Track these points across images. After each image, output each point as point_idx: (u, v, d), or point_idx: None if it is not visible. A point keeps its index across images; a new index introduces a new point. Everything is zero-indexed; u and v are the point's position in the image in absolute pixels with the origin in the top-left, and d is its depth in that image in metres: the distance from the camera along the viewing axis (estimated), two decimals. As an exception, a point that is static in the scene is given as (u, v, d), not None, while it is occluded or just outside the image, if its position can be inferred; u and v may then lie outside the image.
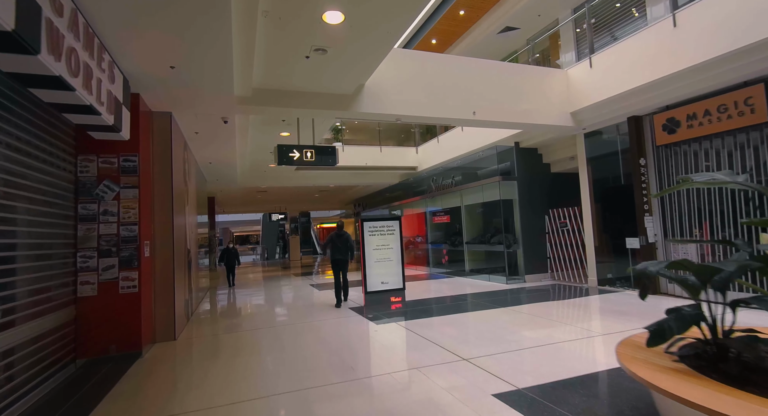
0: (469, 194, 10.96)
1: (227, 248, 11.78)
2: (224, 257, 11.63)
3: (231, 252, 11.62)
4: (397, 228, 7.79)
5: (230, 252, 11.64)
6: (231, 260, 11.57)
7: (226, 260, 11.59)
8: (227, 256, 11.58)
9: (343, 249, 7.63)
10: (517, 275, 9.55)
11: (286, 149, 7.00)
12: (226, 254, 11.62)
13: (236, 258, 11.74)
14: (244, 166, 11.47)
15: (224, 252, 11.71)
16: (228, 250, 11.68)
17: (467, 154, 10.99)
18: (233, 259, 11.61)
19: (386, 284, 7.56)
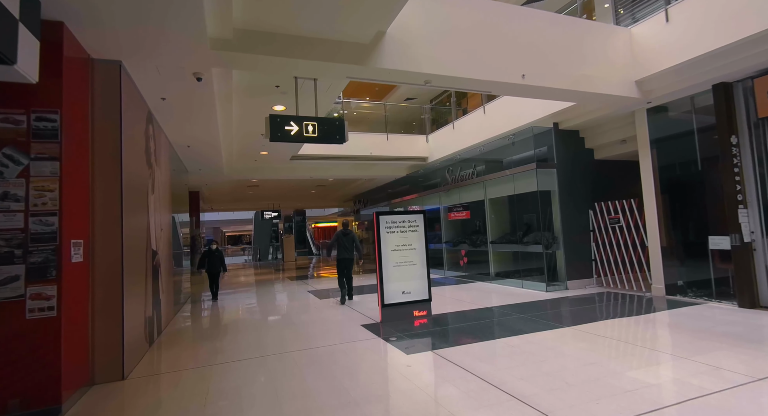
0: (495, 186, 9.40)
1: (209, 250, 9.19)
2: (204, 262, 9.13)
3: (214, 256, 9.09)
4: (422, 224, 6.20)
5: (213, 255, 9.09)
6: (214, 265, 9.10)
7: (208, 266, 9.10)
8: (209, 260, 9.09)
9: (349, 248, 7.75)
10: (556, 281, 8.01)
11: (282, 121, 5.38)
12: (208, 258, 9.11)
13: (221, 263, 9.13)
14: (230, 153, 9.81)
15: (205, 255, 9.18)
16: (210, 253, 9.12)
17: (492, 140, 9.42)
18: (217, 264, 9.11)
19: (408, 294, 5.97)
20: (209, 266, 9.17)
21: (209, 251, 9.28)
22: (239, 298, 9.29)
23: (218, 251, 9.25)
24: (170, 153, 7.70)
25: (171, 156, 7.97)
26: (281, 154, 10.54)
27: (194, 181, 12.23)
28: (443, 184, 11.43)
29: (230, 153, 9.72)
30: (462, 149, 10.60)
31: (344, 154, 11.71)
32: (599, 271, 8.00)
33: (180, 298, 8.44)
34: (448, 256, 11.50)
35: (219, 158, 9.15)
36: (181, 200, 10.55)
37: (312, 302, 8.12)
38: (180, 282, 8.94)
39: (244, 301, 8.80)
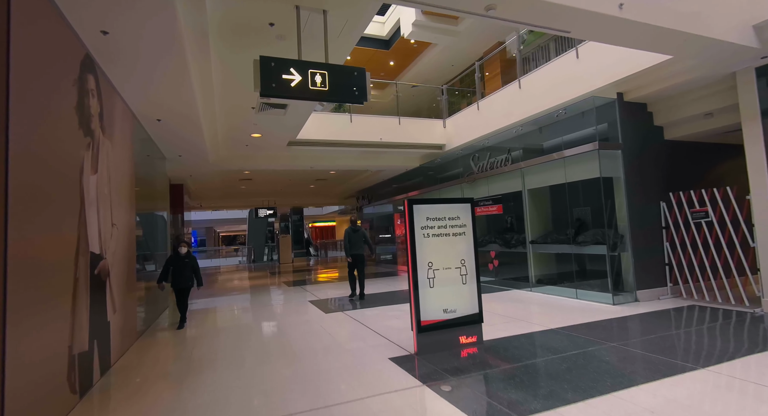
0: (537, 174, 7.78)
1: (175, 254, 6.26)
2: (168, 272, 6.19)
3: (182, 263, 6.20)
4: (469, 217, 4.55)
5: (180, 262, 6.20)
6: (181, 277, 6.20)
7: (174, 277, 6.22)
8: (175, 270, 6.21)
9: (360, 244, 7.75)
10: (622, 290, 6.40)
11: (278, 66, 3.73)
12: (173, 266, 6.20)
13: (194, 274, 6.35)
14: (215, 135, 8.12)
15: (169, 262, 6.23)
16: (177, 259, 6.20)
17: (531, 119, 7.79)
18: (186, 276, 6.22)
19: (452, 312, 4.32)
20: (175, 278, 6.20)
21: (175, 256, 6.24)
22: (224, 313, 7.60)
23: (189, 257, 6.33)
24: (135, 128, 6.02)
25: (137, 133, 6.29)
26: (277, 138, 8.88)
27: (175, 171, 10.53)
28: (466, 175, 9.79)
29: (215, 134, 8.03)
30: (490, 133, 8.97)
31: (350, 140, 10.08)
32: (675, 278, 6.40)
33: (155, 317, 6.76)
34: (472, 258, 9.86)
35: (200, 139, 7.45)
36: (159, 193, 8.86)
37: (316, 317, 6.46)
38: (157, 296, 7.26)
39: (230, 317, 7.11)
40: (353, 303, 7.50)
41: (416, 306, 4.18)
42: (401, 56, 14.44)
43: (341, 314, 6.59)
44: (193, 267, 6.40)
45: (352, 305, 7.37)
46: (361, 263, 7.81)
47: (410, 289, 4.23)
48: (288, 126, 7.99)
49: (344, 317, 6.35)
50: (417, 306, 4.18)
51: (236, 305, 8.19)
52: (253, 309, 7.64)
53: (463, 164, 10.13)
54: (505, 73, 11.91)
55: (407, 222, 4.29)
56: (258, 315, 6.95)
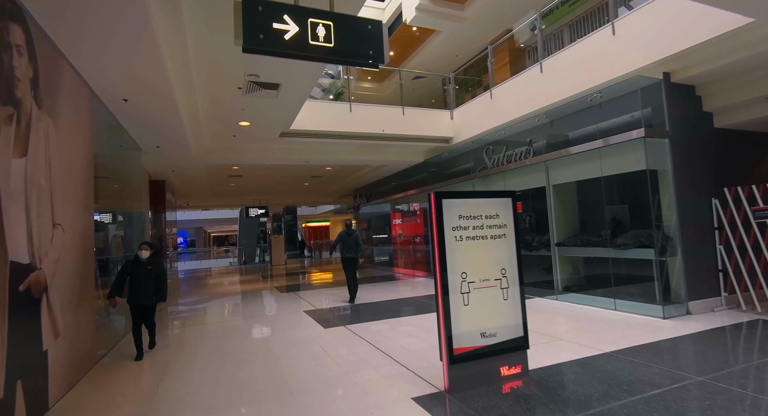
0: (565, 167, 6.87)
1: (134, 259, 4.82)
2: (122, 283, 4.70)
3: (142, 271, 4.74)
4: (511, 215, 3.61)
5: (141, 269, 4.74)
6: (141, 291, 4.73)
7: (131, 291, 4.73)
8: (133, 280, 4.74)
9: (354, 248, 7.80)
10: (670, 301, 5.50)
11: (267, 11, 2.75)
12: (130, 274, 4.74)
13: (157, 287, 4.83)
14: (197, 121, 7.09)
15: (125, 270, 4.75)
16: (137, 266, 4.76)
17: (557, 106, 6.88)
18: (147, 288, 4.75)
19: (492, 337, 3.37)
20: (133, 292, 4.68)
21: (134, 263, 4.73)
22: (206, 328, 6.59)
23: (154, 264, 4.81)
24: (95, 108, 5.00)
25: (99, 115, 5.28)
26: (268, 128, 7.88)
27: (155, 166, 9.47)
28: (479, 169, 8.87)
29: (197, 121, 7.01)
30: (506, 123, 8.05)
31: (350, 131, 9.12)
32: (730, 287, 5.53)
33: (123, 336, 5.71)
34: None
35: (180, 126, 6.43)
36: (134, 189, 7.83)
37: (313, 333, 5.48)
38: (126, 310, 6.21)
39: (213, 334, 6.10)
40: (354, 313, 6.55)
41: (447, 330, 3.23)
42: (402, 45, 13.50)
43: (343, 329, 5.62)
44: (158, 276, 4.82)
45: (354, 315, 6.41)
46: (354, 266, 7.89)
47: (438, 308, 3.28)
48: (280, 113, 7.00)
49: (346, 333, 5.38)
50: (448, 329, 3.23)
51: (221, 317, 7.18)
52: (240, 322, 6.64)
53: (474, 158, 9.21)
54: (514, 63, 11.04)
55: (434, 221, 3.34)
56: (245, 331, 5.95)
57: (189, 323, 6.72)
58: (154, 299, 4.87)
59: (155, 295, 4.87)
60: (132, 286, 4.76)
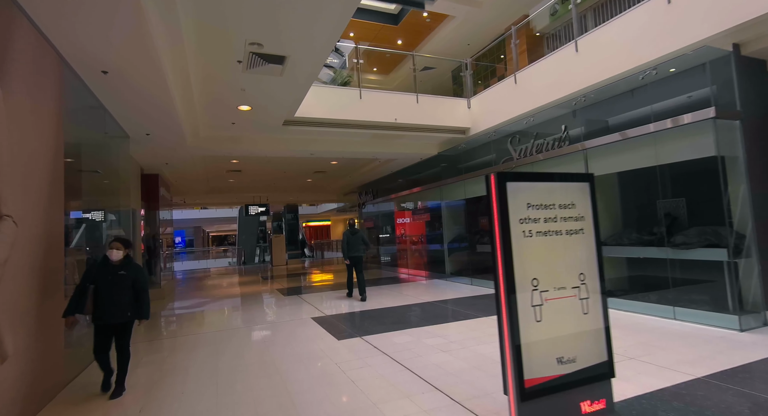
0: (607, 156, 6.06)
1: (103, 261, 3.58)
2: (83, 295, 3.45)
3: (113, 277, 3.52)
4: (589, 205, 2.82)
5: (111, 275, 3.52)
6: (110, 304, 3.48)
7: (97, 304, 3.46)
8: (98, 291, 3.48)
9: (359, 247, 7.89)
10: (745, 310, 4.71)
11: None
12: (96, 282, 3.50)
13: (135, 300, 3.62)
14: (190, 103, 6.26)
15: (89, 276, 3.53)
16: (105, 270, 3.53)
17: (598, 86, 6.09)
18: (118, 301, 3.51)
19: (570, 362, 2.58)
20: (99, 306, 3.47)
21: (102, 266, 3.56)
22: (198, 339, 5.78)
23: (129, 267, 3.63)
24: (67, 82, 4.21)
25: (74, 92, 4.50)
26: (271, 114, 7.08)
27: (147, 157, 8.67)
28: (502, 161, 8.07)
29: (191, 104, 6.19)
30: (534, 109, 7.26)
31: (359, 120, 8.33)
32: (812, 292, 4.74)
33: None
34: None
35: (171, 106, 5.62)
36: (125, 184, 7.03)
37: (326, 347, 4.67)
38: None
39: (206, 346, 5.29)
40: (368, 321, 5.75)
41: (515, 355, 2.43)
42: (411, 33, 12.71)
43: (359, 341, 4.82)
44: (136, 284, 3.58)
45: (368, 324, 5.61)
46: (359, 265, 7.94)
47: (502, 326, 2.48)
48: (285, 95, 6.20)
49: (364, 346, 4.58)
50: (516, 354, 2.43)
51: (218, 324, 6.37)
52: (239, 331, 5.83)
53: (496, 149, 8.42)
54: (531, 51, 10.28)
55: (495, 211, 2.55)
56: (246, 343, 5.14)
57: (181, 331, 5.92)
58: (129, 315, 3.57)
59: (131, 310, 3.57)
60: (98, 298, 3.45)
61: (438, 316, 6.01)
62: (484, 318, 5.65)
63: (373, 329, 5.39)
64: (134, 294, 3.62)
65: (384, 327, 5.44)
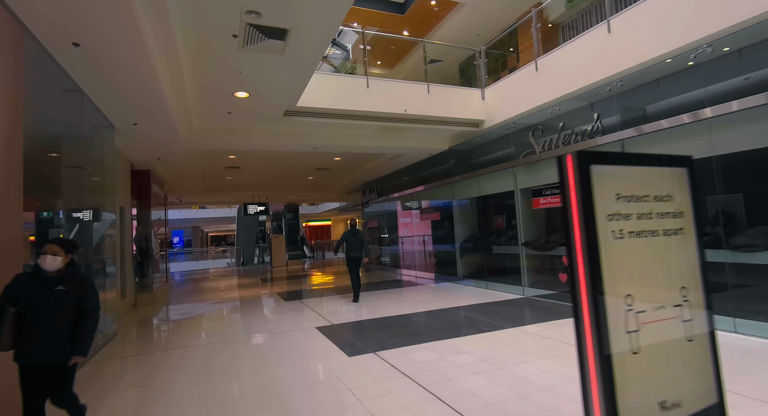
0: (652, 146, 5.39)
1: (32, 275, 2.50)
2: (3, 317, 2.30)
3: (44, 293, 2.44)
4: (688, 196, 2.17)
5: (42, 291, 2.44)
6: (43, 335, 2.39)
7: (23, 335, 2.34)
8: (25, 314, 2.36)
9: (358, 247, 7.96)
10: (819, 321, 4.07)
11: None
12: (18, 301, 2.38)
13: (76, 328, 2.51)
14: (180, 88, 5.60)
15: (11, 291, 2.41)
16: (35, 282, 2.47)
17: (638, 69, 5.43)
18: (54, 332, 2.43)
19: (675, 407, 1.92)
20: (29, 334, 2.36)
21: (32, 280, 2.48)
22: (185, 356, 5.11)
23: (70, 280, 2.53)
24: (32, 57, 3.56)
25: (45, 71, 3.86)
26: (270, 102, 6.43)
27: (136, 151, 8.00)
28: (523, 155, 7.42)
29: (180, 84, 5.50)
30: (560, 97, 6.62)
31: (366, 110, 7.68)
32: None
33: None
34: (530, 265, 7.51)
35: (158, 92, 4.95)
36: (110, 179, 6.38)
37: (335, 365, 4.01)
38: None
39: (193, 369, 4.63)
40: (381, 332, 5.09)
41: (608, 401, 1.77)
42: (418, 23, 12.06)
43: (374, 359, 4.17)
44: (81, 304, 2.55)
45: (382, 335, 4.96)
46: (357, 265, 8.06)
47: (586, 357, 1.83)
48: (288, 78, 5.54)
49: (381, 366, 3.93)
50: (609, 399, 1.78)
51: (212, 335, 5.71)
52: (236, 344, 5.17)
53: (515, 142, 7.77)
54: (546, 41, 9.65)
55: (575, 204, 1.90)
56: (244, 360, 4.48)
57: (170, 343, 5.25)
58: (63, 354, 2.46)
59: (71, 344, 2.48)
60: (24, 326, 2.35)
61: (459, 326, 5.36)
62: (512, 330, 5.00)
63: (387, 342, 4.74)
64: (76, 317, 2.54)
65: (400, 340, 4.79)
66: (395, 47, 13.03)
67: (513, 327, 5.15)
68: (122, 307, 7.64)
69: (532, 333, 4.81)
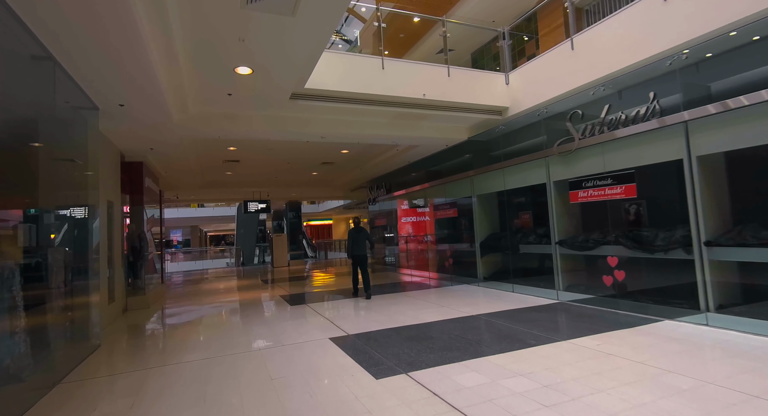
0: (722, 129, 4.60)
1: None
2: None
3: None
4: None
5: None
6: None
7: None
8: None
9: (362, 245, 8.05)
10: None
11: None
12: None
13: None
14: (170, 51, 4.81)
15: None
16: None
17: (700, 41, 4.67)
18: None
19: None
20: None
21: None
22: (177, 384, 4.32)
23: None
24: None
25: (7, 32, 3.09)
26: (277, 80, 5.65)
27: (126, 139, 7.22)
28: (558, 143, 6.64)
29: (171, 53, 4.71)
30: (604, 77, 5.85)
31: (381, 94, 6.92)
32: None
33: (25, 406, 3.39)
34: (565, 266, 6.72)
35: (145, 60, 4.17)
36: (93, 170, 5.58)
37: (364, 394, 3.22)
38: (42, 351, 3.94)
39: (187, 397, 3.84)
40: (409, 344, 4.30)
41: None
42: (431, 7, 11.30)
43: (407, 381, 3.39)
44: None
45: (410, 349, 4.17)
46: (363, 263, 8.14)
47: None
48: (297, 48, 4.76)
49: (419, 392, 3.15)
50: None
51: (207, 348, 4.92)
52: (234, 361, 4.39)
53: (547, 129, 6.99)
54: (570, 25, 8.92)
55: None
56: (243, 384, 3.69)
57: (159, 359, 4.47)
58: None
59: None
60: None
61: (499, 338, 4.58)
62: (563, 344, 4.23)
63: (419, 359, 3.96)
64: None
65: (434, 356, 4.01)
66: (404, 35, 12.26)
67: (563, 339, 4.38)
68: (110, 313, 6.85)
69: (590, 348, 4.03)
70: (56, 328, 4.27)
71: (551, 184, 6.86)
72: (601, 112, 5.91)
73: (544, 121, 7.02)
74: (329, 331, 5.34)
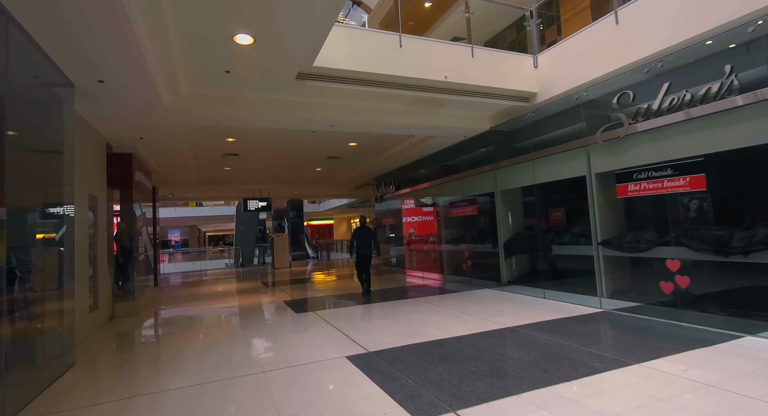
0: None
1: None
2: None
3: None
4: None
5: None
6: None
7: None
8: None
9: (368, 245, 8.02)
10: None
11: None
12: None
13: None
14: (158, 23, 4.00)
15: None
16: None
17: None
18: None
19: None
20: None
21: None
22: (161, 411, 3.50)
23: None
24: None
25: None
26: (281, 54, 4.84)
27: (112, 128, 6.41)
28: (602, 129, 5.84)
29: (157, 16, 3.91)
30: (661, 51, 5.05)
31: (398, 75, 6.12)
32: None
33: None
34: (609, 269, 5.91)
35: (123, 19, 3.36)
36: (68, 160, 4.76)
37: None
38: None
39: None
40: (444, 367, 3.49)
41: None
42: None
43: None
44: None
45: (447, 373, 3.36)
46: (368, 262, 8.07)
47: None
48: (306, 12, 3.95)
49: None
50: None
51: (198, 371, 4.10)
52: (229, 392, 3.58)
53: (587, 115, 6.19)
54: (597, 7, 8.14)
55: None
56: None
57: (140, 385, 3.65)
58: None
59: None
60: None
61: (554, 359, 3.77)
62: (637, 368, 3.43)
63: (465, 389, 3.15)
64: None
65: (482, 386, 3.20)
66: (414, 23, 11.47)
67: (634, 362, 3.57)
68: (92, 322, 6.03)
69: (676, 375, 3.23)
70: (15, 347, 3.47)
71: (592, 177, 6.06)
72: (658, 92, 5.10)
73: (584, 106, 6.22)
74: (345, 347, 4.54)
